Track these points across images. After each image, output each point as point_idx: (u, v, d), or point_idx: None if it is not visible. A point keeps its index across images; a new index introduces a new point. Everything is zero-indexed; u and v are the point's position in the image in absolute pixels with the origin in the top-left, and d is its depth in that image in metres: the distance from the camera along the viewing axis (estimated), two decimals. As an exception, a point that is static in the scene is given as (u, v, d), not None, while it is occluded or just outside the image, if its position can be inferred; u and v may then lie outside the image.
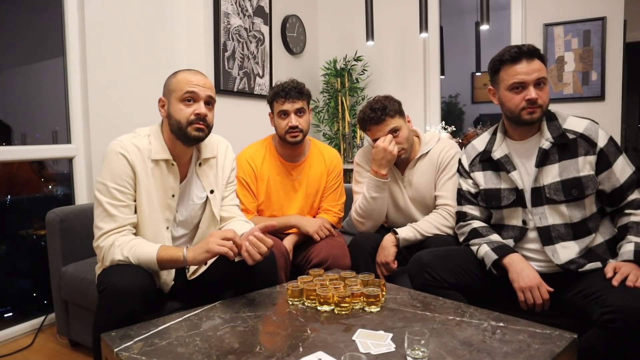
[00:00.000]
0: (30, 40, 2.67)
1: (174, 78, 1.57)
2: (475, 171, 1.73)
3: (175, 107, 1.53)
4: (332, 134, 3.89)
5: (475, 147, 1.75)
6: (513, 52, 1.52)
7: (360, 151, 2.16)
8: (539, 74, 1.50)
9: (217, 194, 1.68)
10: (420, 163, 2.01)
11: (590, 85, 3.17)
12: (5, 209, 2.62)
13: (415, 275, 1.63)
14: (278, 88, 2.05)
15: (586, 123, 1.54)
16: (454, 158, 1.96)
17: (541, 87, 1.52)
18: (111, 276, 1.39)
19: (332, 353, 1.10)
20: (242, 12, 3.14)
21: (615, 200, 1.55)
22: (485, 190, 1.69)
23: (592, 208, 1.55)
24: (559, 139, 1.54)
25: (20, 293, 2.62)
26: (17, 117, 2.70)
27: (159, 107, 1.59)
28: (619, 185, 1.52)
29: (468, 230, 1.71)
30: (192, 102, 1.53)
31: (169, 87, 1.56)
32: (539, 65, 1.51)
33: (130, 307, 1.34)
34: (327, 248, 1.97)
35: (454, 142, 2.07)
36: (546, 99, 1.53)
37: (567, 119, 1.57)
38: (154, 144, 1.56)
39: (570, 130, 1.54)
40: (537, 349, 1.10)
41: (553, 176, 1.54)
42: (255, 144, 2.20)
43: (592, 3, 3.12)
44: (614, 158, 1.52)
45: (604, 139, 1.52)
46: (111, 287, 1.36)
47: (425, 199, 2.01)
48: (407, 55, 3.75)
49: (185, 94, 1.52)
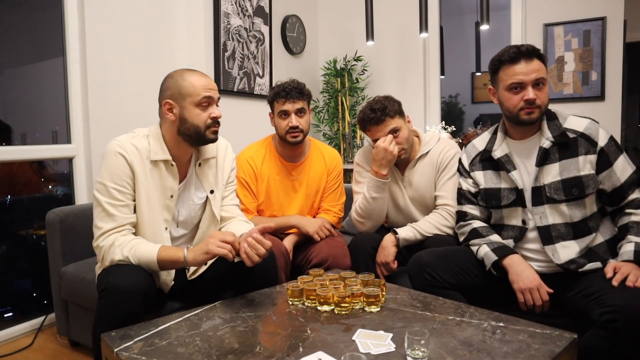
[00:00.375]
0: (30, 40, 2.67)
1: (184, 81, 1.52)
2: (475, 170, 1.73)
3: (192, 111, 1.52)
4: (332, 134, 3.89)
5: (476, 147, 1.75)
6: (512, 52, 1.52)
7: (360, 151, 2.16)
8: (537, 75, 1.50)
9: (217, 194, 1.68)
10: (420, 163, 2.01)
11: (590, 85, 3.17)
12: (5, 209, 2.62)
13: (415, 275, 1.64)
14: (279, 88, 2.05)
15: (587, 122, 1.54)
16: (454, 158, 1.96)
17: (540, 88, 1.52)
18: (111, 276, 1.39)
19: (332, 353, 1.10)
20: (242, 12, 3.14)
21: (615, 200, 1.55)
22: (485, 189, 1.69)
23: (592, 207, 1.55)
24: (559, 138, 1.54)
25: (20, 293, 2.62)
26: (17, 117, 2.70)
27: (165, 111, 1.54)
28: (620, 184, 1.52)
29: (468, 230, 1.71)
30: (207, 106, 1.54)
31: (181, 91, 1.52)
32: (538, 65, 1.51)
33: (130, 307, 1.34)
34: (327, 248, 1.96)
35: (454, 142, 2.07)
36: (545, 99, 1.53)
37: (567, 118, 1.57)
38: (153, 144, 1.55)
39: (571, 129, 1.54)
40: (537, 349, 1.10)
41: (553, 175, 1.54)
42: (255, 144, 2.20)
43: (592, 3, 3.12)
44: (615, 157, 1.52)
45: (605, 138, 1.52)
46: (111, 287, 1.36)
47: (425, 199, 2.01)
48: (407, 55, 3.75)
49: (203, 99, 1.52)
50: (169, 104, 1.54)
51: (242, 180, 2.08)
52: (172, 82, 1.55)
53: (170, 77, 1.57)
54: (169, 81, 1.56)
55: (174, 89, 1.53)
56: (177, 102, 1.53)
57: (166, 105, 1.54)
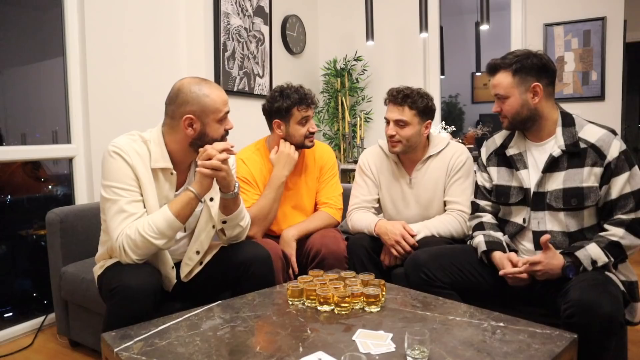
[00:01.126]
0: (30, 40, 2.67)
1: (207, 98, 1.50)
2: (490, 165, 1.74)
3: (213, 127, 1.53)
4: (332, 134, 3.90)
5: (495, 142, 1.76)
6: (488, 65, 1.64)
7: (368, 153, 2.14)
8: (494, 90, 1.61)
9: (216, 199, 1.68)
10: (428, 164, 1.99)
11: (590, 85, 3.17)
12: (5, 209, 2.63)
13: (411, 275, 1.64)
14: (298, 95, 2.00)
15: (601, 133, 1.51)
16: (466, 163, 1.96)
17: (502, 101, 1.60)
18: (122, 275, 1.39)
19: (332, 353, 1.10)
20: (242, 12, 3.14)
21: (604, 215, 1.52)
22: (497, 186, 1.70)
23: (591, 220, 1.53)
24: (570, 147, 1.52)
25: (20, 293, 2.62)
26: (17, 117, 2.70)
27: (184, 125, 1.50)
28: (610, 200, 1.48)
29: (475, 222, 1.73)
30: (225, 120, 1.57)
31: (205, 109, 1.50)
32: (497, 80, 1.59)
33: (142, 306, 1.35)
34: (320, 239, 1.96)
35: (465, 147, 2.07)
36: (509, 110, 1.58)
37: (584, 127, 1.54)
38: (154, 151, 1.53)
39: (584, 139, 1.52)
40: (537, 349, 1.10)
41: (557, 183, 1.53)
42: (249, 149, 2.16)
43: (592, 3, 3.13)
44: (618, 172, 1.47)
45: (615, 152, 1.47)
46: (123, 286, 1.36)
47: (431, 201, 2.00)
48: (407, 55, 3.75)
49: (225, 114, 1.56)
50: (190, 120, 1.50)
51: (243, 178, 2.06)
52: (192, 97, 1.50)
53: (188, 91, 1.50)
54: (187, 95, 1.50)
55: (196, 105, 1.50)
56: (200, 118, 1.51)
57: (187, 120, 1.50)
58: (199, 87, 1.51)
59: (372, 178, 2.08)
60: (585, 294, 1.28)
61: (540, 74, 1.55)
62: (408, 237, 1.84)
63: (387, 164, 2.07)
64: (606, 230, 1.48)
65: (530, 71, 1.54)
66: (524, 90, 1.55)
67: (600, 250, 1.43)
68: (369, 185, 2.08)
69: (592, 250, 1.43)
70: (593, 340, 1.25)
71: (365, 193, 2.08)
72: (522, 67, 1.54)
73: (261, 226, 2.00)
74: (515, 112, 1.58)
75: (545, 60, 1.57)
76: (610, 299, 1.27)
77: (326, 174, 2.19)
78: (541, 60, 1.56)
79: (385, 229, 1.88)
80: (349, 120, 3.71)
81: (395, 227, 1.87)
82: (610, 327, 1.25)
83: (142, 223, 1.43)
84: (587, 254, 1.42)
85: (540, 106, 1.56)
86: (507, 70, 1.56)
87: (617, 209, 1.48)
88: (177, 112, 1.51)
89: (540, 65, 1.55)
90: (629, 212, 1.46)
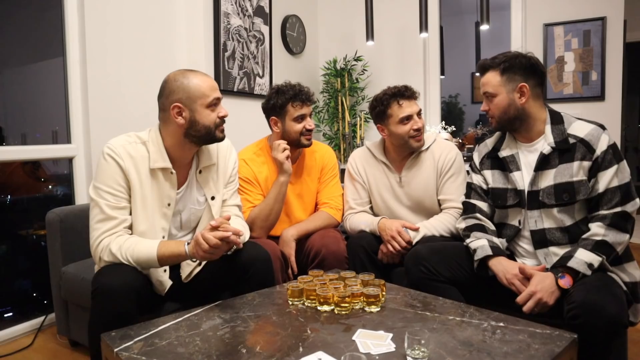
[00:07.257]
0: (30, 40, 2.67)
1: (191, 84, 1.51)
2: (484, 169, 1.75)
3: (202, 113, 1.53)
4: (332, 134, 3.89)
5: (487, 145, 1.77)
6: (478, 65, 1.68)
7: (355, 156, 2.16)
8: (483, 89, 1.64)
9: (218, 198, 1.68)
10: (417, 161, 2.02)
11: (590, 85, 3.17)
12: (5, 209, 2.63)
13: (411, 268, 1.65)
14: (292, 91, 2.01)
15: (590, 128, 1.51)
16: (456, 160, 1.99)
17: (490, 100, 1.63)
18: (102, 276, 1.40)
19: (332, 353, 1.10)
20: (242, 12, 3.14)
21: (591, 208, 1.52)
22: (493, 189, 1.70)
23: (581, 213, 1.53)
24: (560, 144, 1.53)
25: (20, 293, 2.61)
26: (17, 117, 2.70)
27: (173, 115, 1.51)
28: (597, 194, 1.48)
29: (471, 223, 1.72)
30: (216, 106, 1.56)
31: (190, 94, 1.51)
32: (486, 79, 1.62)
33: (123, 306, 1.34)
34: (320, 239, 1.97)
35: (452, 143, 2.08)
36: (496, 109, 1.61)
37: (572, 124, 1.55)
38: (152, 151, 1.54)
39: (573, 134, 1.53)
40: (537, 349, 1.10)
41: (549, 180, 1.54)
42: (251, 148, 2.16)
43: (592, 3, 3.12)
44: (606, 166, 1.48)
45: (604, 146, 1.48)
46: (102, 287, 1.36)
47: (423, 201, 2.01)
48: (407, 55, 3.75)
49: (213, 100, 1.54)
50: (177, 108, 1.52)
51: (244, 178, 2.06)
52: (177, 86, 1.51)
53: (173, 81, 1.53)
54: (173, 84, 1.52)
55: (182, 93, 1.51)
56: (187, 105, 1.52)
57: (175, 109, 1.51)
58: (183, 76, 1.54)
59: (361, 182, 2.12)
60: (589, 295, 1.28)
61: (527, 74, 1.57)
62: (404, 234, 1.87)
63: (376, 165, 2.09)
64: (589, 229, 1.49)
65: (517, 71, 1.56)
66: (511, 90, 1.57)
67: (589, 252, 1.42)
68: (359, 189, 2.12)
69: (582, 256, 1.42)
70: (596, 341, 1.25)
71: (357, 197, 2.12)
72: (510, 66, 1.57)
73: (263, 227, 2.01)
74: (502, 111, 1.60)
75: (534, 61, 1.58)
76: (614, 301, 1.27)
77: (327, 175, 2.20)
78: (529, 61, 1.57)
79: (384, 225, 1.93)
80: (348, 120, 3.71)
81: (393, 223, 1.92)
82: (614, 328, 1.25)
83: (128, 246, 1.45)
84: (579, 260, 1.41)
85: (528, 106, 1.57)
86: (496, 70, 1.60)
87: (603, 203, 1.48)
88: (166, 103, 1.54)
89: (528, 66, 1.56)
90: (615, 206, 1.46)
